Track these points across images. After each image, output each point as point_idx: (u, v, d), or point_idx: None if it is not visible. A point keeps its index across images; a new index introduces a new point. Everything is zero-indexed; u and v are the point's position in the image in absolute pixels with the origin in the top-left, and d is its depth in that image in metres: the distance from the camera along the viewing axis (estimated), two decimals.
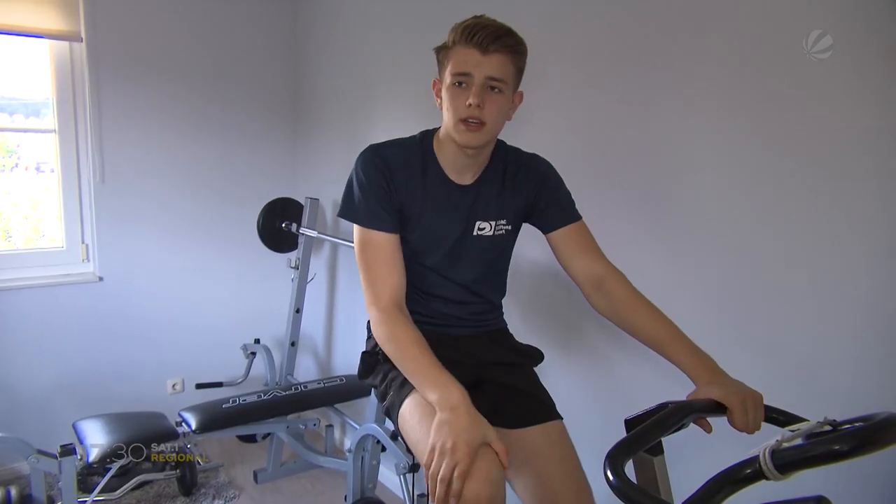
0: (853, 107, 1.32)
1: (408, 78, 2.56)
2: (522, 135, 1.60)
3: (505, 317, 1.62)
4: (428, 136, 1.43)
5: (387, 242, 1.36)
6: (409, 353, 1.26)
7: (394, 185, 1.36)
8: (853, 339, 1.36)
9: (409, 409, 1.30)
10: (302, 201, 3.13)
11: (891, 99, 1.27)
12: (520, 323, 2.02)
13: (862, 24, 1.30)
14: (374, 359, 1.48)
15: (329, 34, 3.07)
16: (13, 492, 2.27)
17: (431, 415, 1.21)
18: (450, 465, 1.07)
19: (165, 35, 2.98)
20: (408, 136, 1.45)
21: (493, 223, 1.44)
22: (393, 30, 2.63)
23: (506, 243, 1.50)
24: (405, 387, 1.32)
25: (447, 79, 1.30)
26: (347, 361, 3.18)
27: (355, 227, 1.39)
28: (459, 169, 1.39)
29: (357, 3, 2.86)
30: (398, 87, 2.63)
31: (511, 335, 1.60)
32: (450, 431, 1.10)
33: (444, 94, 1.32)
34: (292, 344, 3.12)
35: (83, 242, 2.96)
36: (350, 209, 1.39)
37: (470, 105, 1.26)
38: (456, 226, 1.41)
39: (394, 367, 1.37)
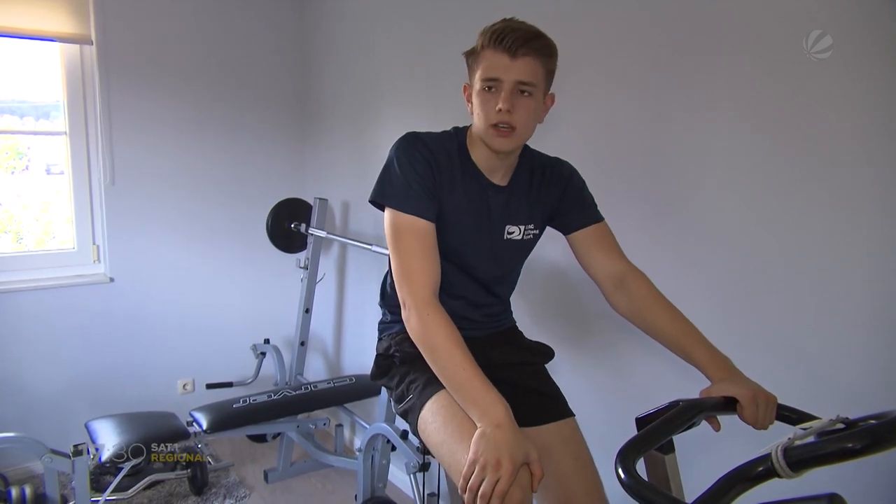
0: (854, 108, 1.32)
1: (415, 78, 2.57)
2: (538, 138, 1.60)
3: (516, 315, 1.62)
4: (461, 132, 1.40)
5: (427, 230, 1.29)
6: (450, 357, 1.20)
7: (436, 170, 1.32)
8: (860, 336, 1.36)
9: (431, 412, 1.27)
10: (310, 201, 3.14)
11: (891, 99, 1.27)
12: (530, 321, 2.02)
13: (862, 23, 1.30)
14: (388, 361, 1.47)
15: (335, 36, 3.08)
16: (27, 491, 2.29)
17: (457, 417, 1.20)
18: (492, 481, 1.05)
19: (175, 38, 3.01)
20: (439, 130, 1.42)
21: (522, 227, 1.43)
22: (399, 31, 2.64)
23: (531, 247, 1.49)
24: (427, 389, 1.30)
25: (477, 84, 1.28)
26: (357, 361, 3.19)
27: (390, 212, 1.31)
28: (492, 168, 1.38)
29: (363, 5, 2.86)
30: (405, 87, 2.64)
31: (521, 333, 1.60)
32: (495, 448, 1.07)
33: (474, 98, 1.30)
34: (302, 344, 3.14)
35: (94, 244, 2.99)
36: (389, 193, 1.31)
37: (500, 110, 1.24)
38: (489, 227, 1.40)
39: (412, 370, 1.36)
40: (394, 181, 1.31)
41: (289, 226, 3.13)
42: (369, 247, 2.55)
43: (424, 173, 1.31)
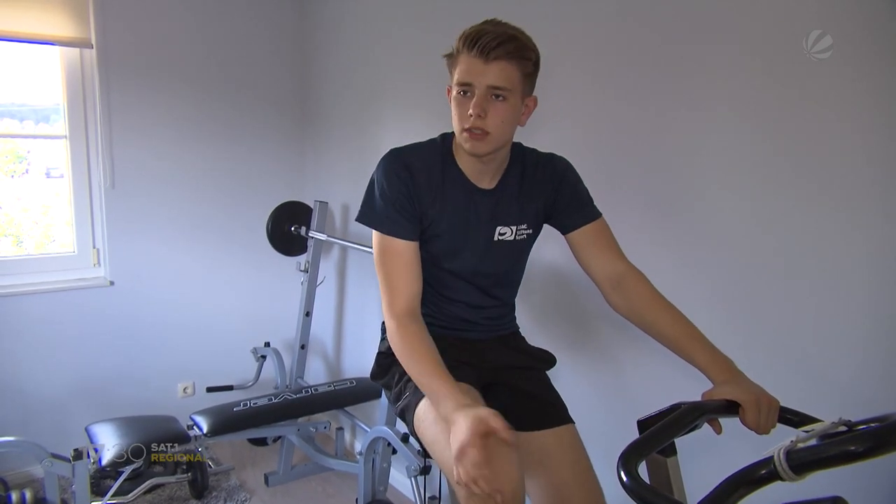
0: (854, 108, 1.32)
1: (416, 79, 2.57)
2: (535, 139, 1.60)
3: (516, 319, 1.62)
4: (447, 139, 1.41)
5: (405, 250, 1.35)
6: (419, 364, 1.26)
7: (415, 192, 1.35)
8: (859, 336, 1.36)
9: (424, 409, 1.31)
10: (311, 204, 3.14)
11: (891, 99, 1.27)
12: (530, 325, 2.01)
13: (862, 24, 1.30)
14: (388, 360, 1.48)
15: (336, 37, 3.08)
16: (28, 495, 2.28)
17: None
18: (465, 465, 1.07)
19: (175, 41, 3.01)
20: (427, 139, 1.43)
21: (514, 228, 1.43)
22: (400, 32, 2.64)
23: (526, 246, 1.50)
24: None
25: (453, 88, 1.30)
26: (357, 364, 3.19)
27: (374, 232, 1.38)
28: (478, 173, 1.38)
29: (363, 5, 2.87)
30: (406, 88, 2.63)
31: (523, 338, 1.60)
32: (454, 437, 1.10)
33: (451, 102, 1.31)
34: (302, 347, 3.13)
35: (94, 247, 2.98)
36: (370, 215, 1.38)
37: (471, 115, 1.25)
38: (477, 231, 1.40)
39: None
40: (374, 204, 1.37)
41: (289, 229, 3.13)
42: (369, 250, 2.54)
43: (402, 196, 1.35)
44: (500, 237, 1.43)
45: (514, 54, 1.23)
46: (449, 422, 1.15)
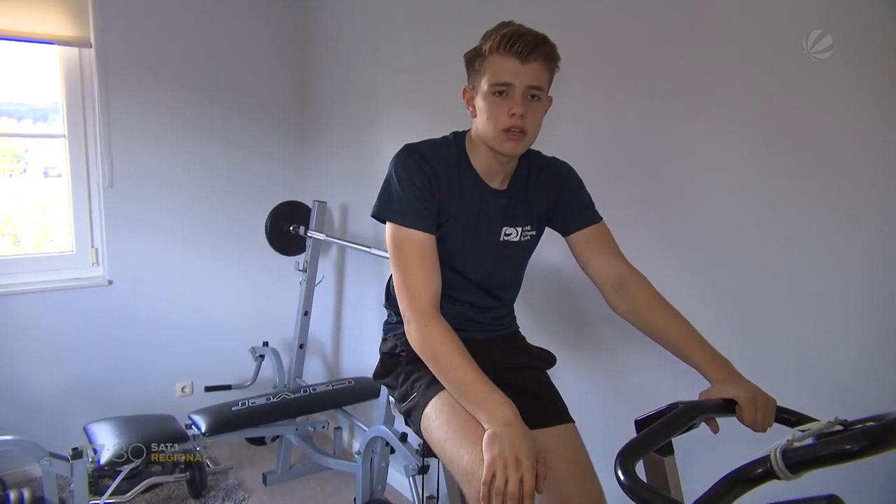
0: (854, 107, 1.32)
1: (416, 79, 2.57)
2: (538, 141, 1.60)
3: (516, 319, 1.62)
4: (460, 137, 1.41)
5: (426, 242, 1.32)
6: (452, 363, 1.22)
7: (436, 183, 1.34)
8: (858, 336, 1.36)
9: (435, 409, 1.29)
10: (309, 204, 3.14)
11: (891, 99, 1.27)
12: (530, 325, 2.01)
13: (862, 24, 1.30)
14: (393, 360, 1.48)
15: (335, 38, 3.08)
16: (26, 494, 2.28)
17: (461, 414, 1.22)
18: (516, 479, 1.05)
19: (174, 41, 3.01)
20: (430, 137, 1.43)
21: (519, 229, 1.43)
22: (399, 33, 2.64)
23: (530, 248, 1.50)
24: (431, 387, 1.32)
25: (484, 87, 1.28)
26: (355, 363, 3.19)
27: (390, 226, 1.34)
28: (491, 173, 1.39)
29: (363, 5, 2.87)
30: (406, 88, 2.64)
31: (523, 338, 1.60)
32: (511, 446, 1.07)
33: (480, 102, 1.30)
34: (300, 346, 3.13)
35: (92, 246, 2.98)
36: (388, 208, 1.34)
37: (514, 114, 1.25)
38: (487, 230, 1.41)
39: (417, 369, 1.37)
40: (393, 196, 1.34)
41: (287, 228, 3.13)
42: (368, 249, 2.55)
43: (423, 186, 1.32)
44: (506, 238, 1.43)
45: (548, 56, 1.27)
46: (490, 425, 1.13)
